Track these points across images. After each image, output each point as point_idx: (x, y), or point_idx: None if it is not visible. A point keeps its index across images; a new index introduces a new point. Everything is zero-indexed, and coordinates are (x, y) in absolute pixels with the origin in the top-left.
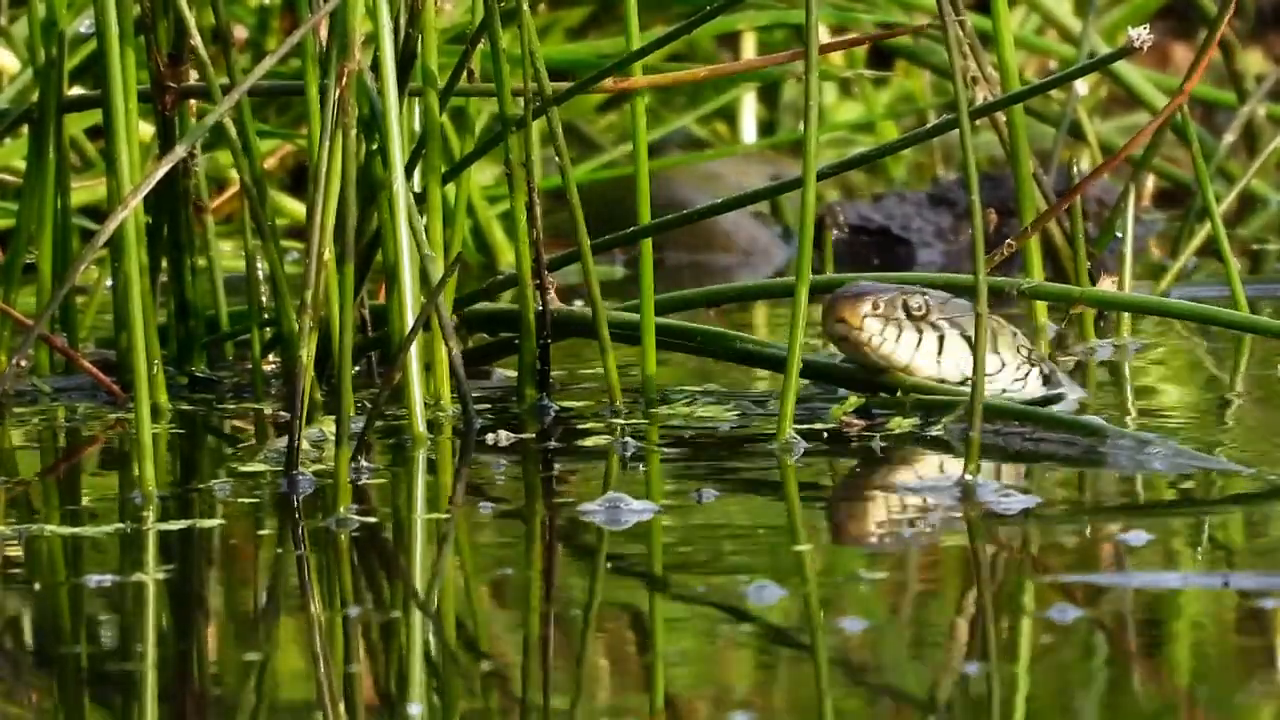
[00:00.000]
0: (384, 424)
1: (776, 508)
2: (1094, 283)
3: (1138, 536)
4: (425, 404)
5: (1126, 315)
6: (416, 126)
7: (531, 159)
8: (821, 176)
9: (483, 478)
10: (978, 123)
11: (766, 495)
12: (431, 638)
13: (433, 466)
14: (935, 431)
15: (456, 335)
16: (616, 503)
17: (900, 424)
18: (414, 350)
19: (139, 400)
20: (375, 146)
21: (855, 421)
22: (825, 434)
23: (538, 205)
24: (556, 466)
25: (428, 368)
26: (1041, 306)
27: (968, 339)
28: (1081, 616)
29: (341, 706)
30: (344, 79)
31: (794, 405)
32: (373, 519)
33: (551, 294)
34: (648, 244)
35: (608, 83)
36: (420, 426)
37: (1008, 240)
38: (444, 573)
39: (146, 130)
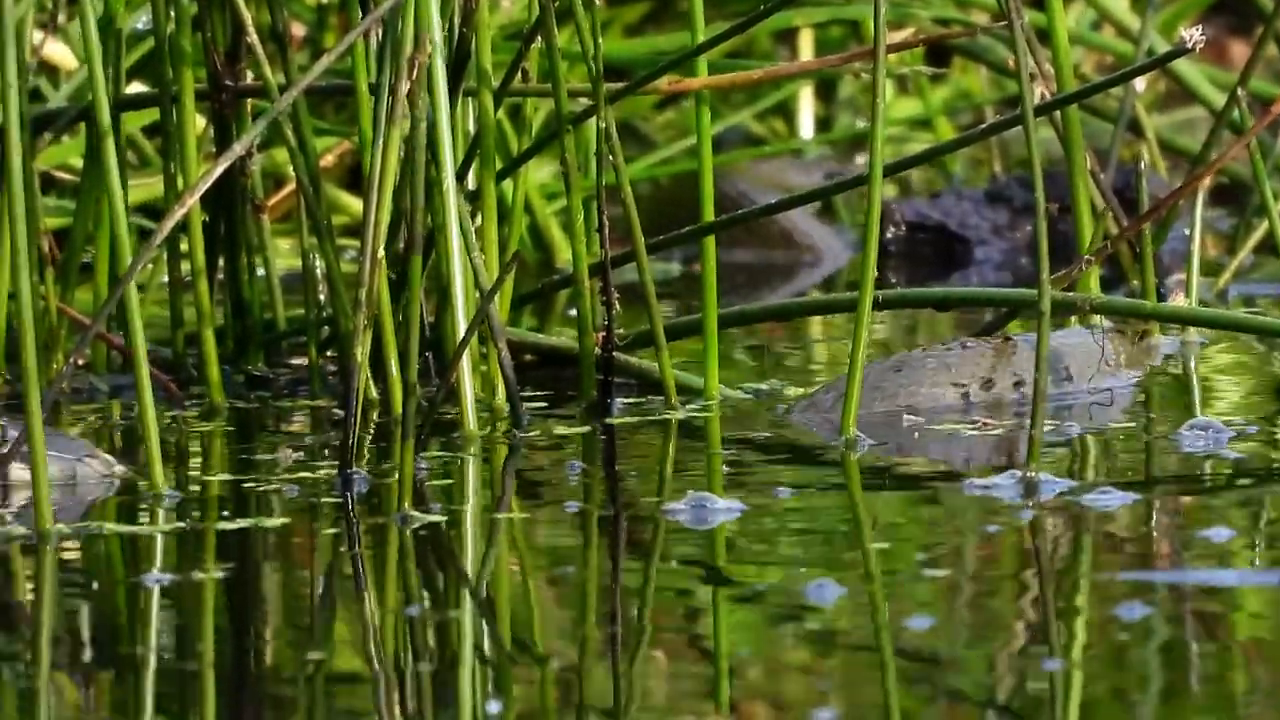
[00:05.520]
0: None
1: (842, 505)
2: (1163, 298)
3: (1219, 533)
4: (477, 400)
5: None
6: (471, 126)
7: (602, 159)
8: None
9: (538, 476)
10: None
11: (828, 493)
12: (516, 637)
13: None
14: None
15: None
16: (702, 502)
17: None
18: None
19: (142, 402)
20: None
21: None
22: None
23: (605, 211)
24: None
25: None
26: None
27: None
28: (1149, 614)
29: (419, 706)
30: (414, 72)
31: (857, 403)
32: (436, 516)
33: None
34: (710, 243)
35: (662, 83)
36: (472, 424)
37: (1085, 257)
38: (524, 573)
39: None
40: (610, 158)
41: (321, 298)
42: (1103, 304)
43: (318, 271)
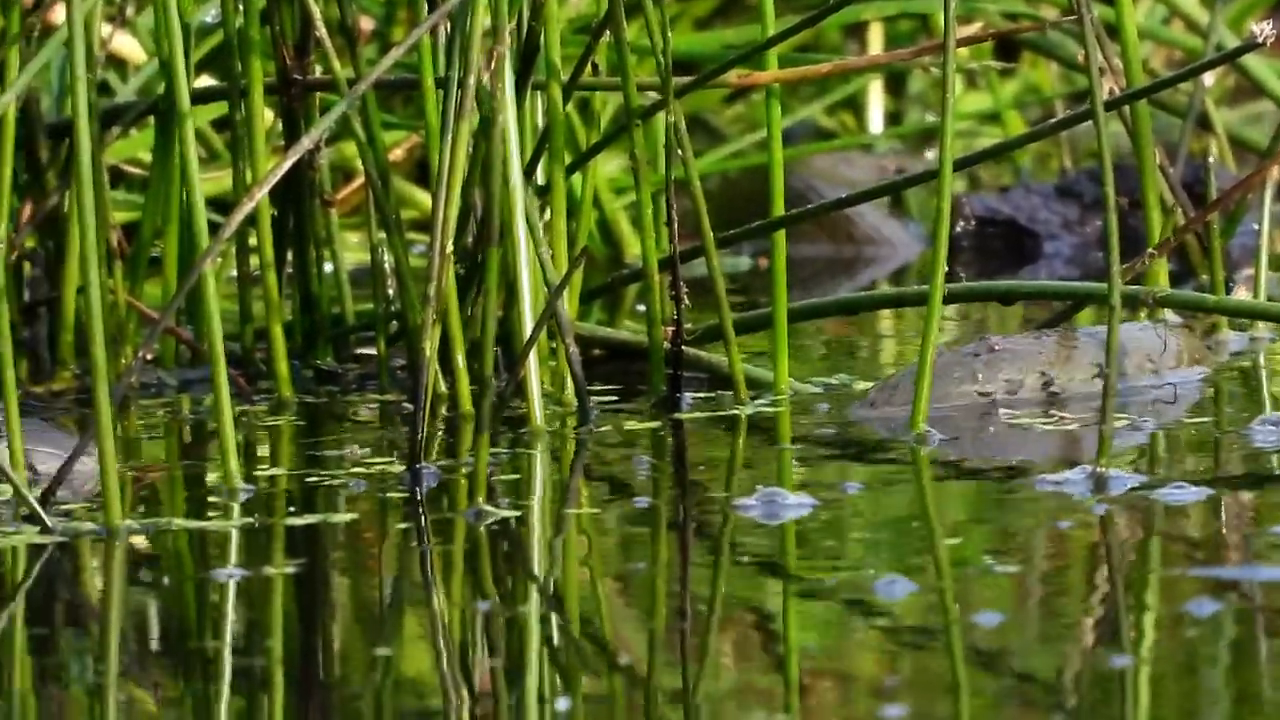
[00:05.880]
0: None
1: (913, 500)
2: (1229, 290)
3: None
4: (546, 395)
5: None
6: (539, 120)
7: (671, 153)
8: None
9: (607, 472)
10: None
11: (898, 487)
12: (592, 634)
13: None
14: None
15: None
16: (773, 497)
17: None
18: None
19: (217, 396)
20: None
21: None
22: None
23: (674, 206)
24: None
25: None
26: None
27: None
28: (1220, 610)
29: (491, 702)
30: (493, 63)
31: (928, 396)
32: (506, 511)
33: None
34: (781, 237)
35: (731, 77)
36: (540, 419)
37: (1149, 250)
38: (596, 569)
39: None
40: (679, 152)
41: (390, 292)
42: (1166, 297)
43: (386, 266)
